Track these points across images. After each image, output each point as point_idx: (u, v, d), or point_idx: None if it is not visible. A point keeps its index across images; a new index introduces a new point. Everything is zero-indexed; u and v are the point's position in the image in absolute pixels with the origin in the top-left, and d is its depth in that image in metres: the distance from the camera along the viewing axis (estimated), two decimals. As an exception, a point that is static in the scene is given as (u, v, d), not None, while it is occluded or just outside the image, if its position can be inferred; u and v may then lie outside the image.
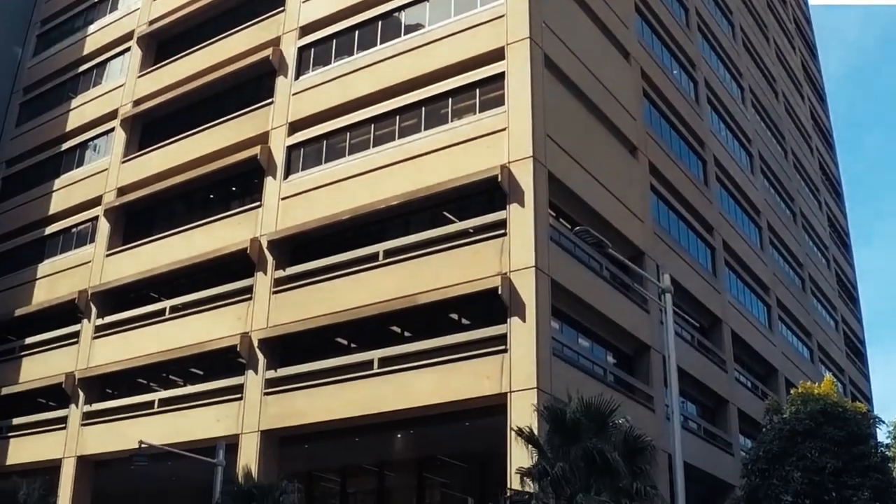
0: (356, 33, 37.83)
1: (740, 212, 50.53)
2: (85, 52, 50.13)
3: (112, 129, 45.51)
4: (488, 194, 31.69)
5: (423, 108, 34.53)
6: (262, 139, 38.41)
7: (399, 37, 36.35)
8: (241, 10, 42.72)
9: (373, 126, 35.65)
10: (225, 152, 39.30)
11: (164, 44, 46.15)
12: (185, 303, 38.15)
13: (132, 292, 40.97)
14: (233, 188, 40.83)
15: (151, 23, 46.33)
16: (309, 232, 35.47)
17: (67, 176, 47.13)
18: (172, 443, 34.13)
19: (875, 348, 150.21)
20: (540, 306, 29.18)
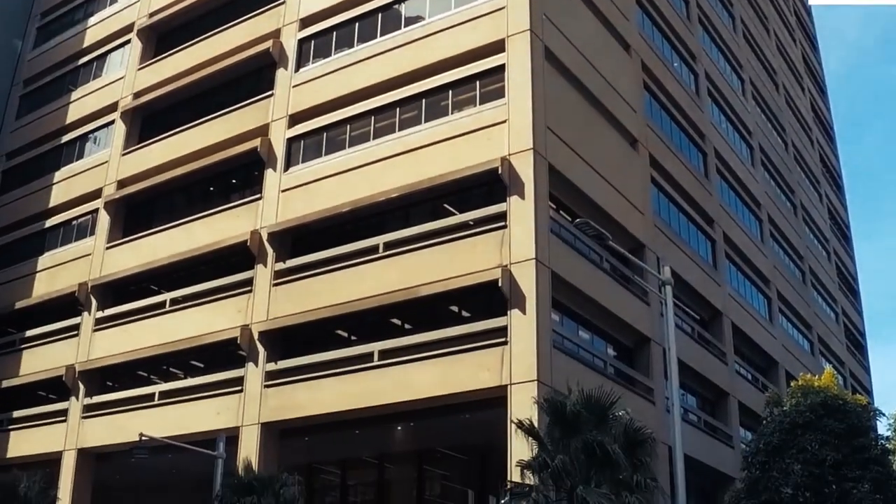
0: (356, 25, 37.78)
1: (741, 204, 50.48)
2: (85, 45, 50.02)
3: (112, 122, 45.47)
4: (489, 186, 31.68)
5: (424, 101, 34.49)
6: (262, 131, 38.39)
7: (399, 29, 36.28)
8: (241, 2, 42.60)
9: (373, 118, 35.62)
10: (225, 144, 39.29)
11: (164, 36, 46.08)
12: (185, 295, 38.17)
13: (132, 285, 40.99)
14: (233, 180, 40.80)
15: (151, 15, 46.24)
16: (309, 224, 35.45)
17: (67, 168, 47.08)
18: (173, 435, 34.17)
19: (875, 341, 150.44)
20: (540, 298, 29.18)
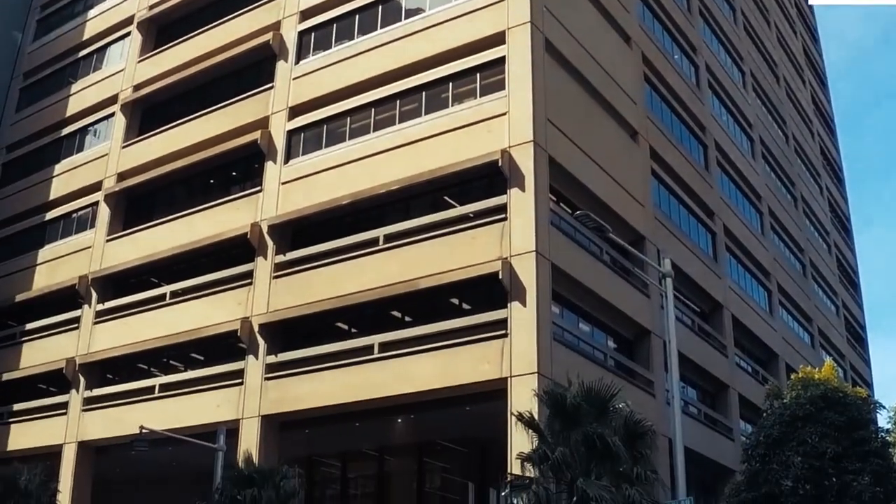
0: (356, 17, 37.71)
1: (741, 196, 50.44)
2: (85, 37, 49.93)
3: (112, 115, 45.41)
4: (489, 179, 31.64)
5: (424, 93, 34.44)
6: (262, 124, 38.33)
7: (399, 21, 36.21)
8: (240, -5, 42.59)
9: (373, 110, 35.58)
10: (225, 137, 39.23)
11: (164, 28, 46.01)
12: (185, 288, 38.15)
13: (132, 277, 40.97)
14: (233, 173, 40.76)
15: (151, 7, 46.15)
16: (309, 217, 35.43)
17: (68, 161, 47.03)
18: (173, 428, 34.16)
19: (875, 333, 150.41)
20: (540, 291, 29.16)
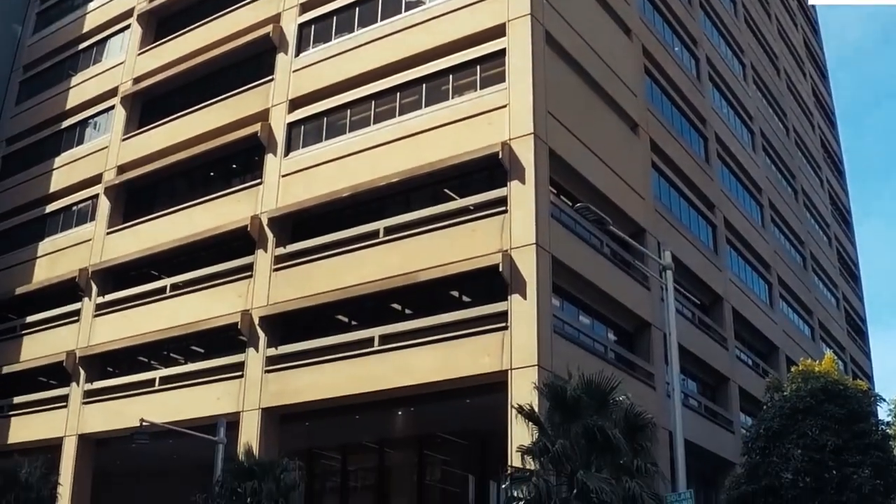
0: (357, 10, 37.62)
1: (741, 189, 50.40)
2: (85, 30, 49.82)
3: (112, 107, 45.32)
4: (489, 171, 31.61)
5: (424, 85, 34.39)
6: (262, 116, 38.28)
7: (400, 13, 36.12)
8: (240, -13, 42.48)
9: (373, 103, 35.52)
10: (225, 129, 39.16)
11: (164, 21, 45.90)
12: (185, 281, 38.12)
13: (133, 270, 40.94)
14: (233, 165, 40.73)
15: (151, -1, 46.17)
16: (309, 209, 35.39)
17: (68, 154, 46.98)
18: (173, 421, 34.18)
19: (876, 326, 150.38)
20: (541, 283, 29.14)
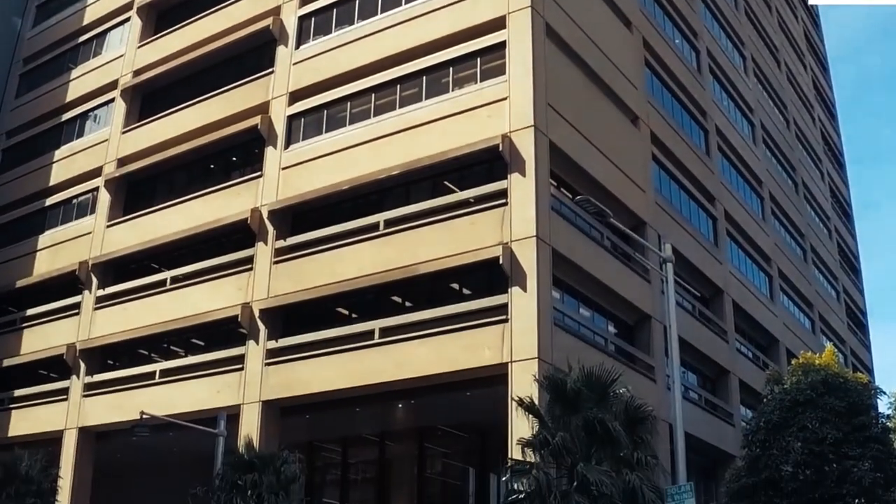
0: (357, 2, 37.54)
1: (742, 182, 50.37)
2: (84, 23, 49.74)
3: (112, 100, 45.28)
4: (489, 164, 31.59)
5: (424, 78, 34.33)
6: (262, 109, 38.24)
7: (400, 5, 36.03)
8: (240, -21, 42.39)
9: (373, 95, 35.48)
10: (225, 122, 39.14)
11: (163, 13, 45.84)
12: (185, 273, 38.12)
13: (133, 263, 40.94)
14: (233, 158, 40.70)
15: (151, -8, 46.05)
16: (310, 202, 35.38)
17: (67, 147, 46.92)
18: (174, 413, 34.22)
19: (876, 319, 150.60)
20: (541, 276, 29.12)
